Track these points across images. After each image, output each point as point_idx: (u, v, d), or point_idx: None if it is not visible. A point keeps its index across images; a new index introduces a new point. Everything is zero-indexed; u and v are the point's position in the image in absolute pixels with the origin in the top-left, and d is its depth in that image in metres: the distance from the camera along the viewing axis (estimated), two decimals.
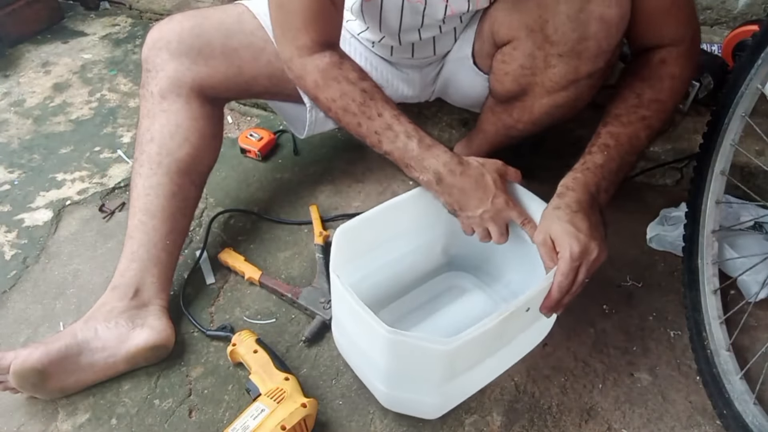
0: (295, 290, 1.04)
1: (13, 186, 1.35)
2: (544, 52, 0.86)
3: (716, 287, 0.97)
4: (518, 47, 0.89)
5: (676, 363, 0.95)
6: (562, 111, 0.94)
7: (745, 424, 0.81)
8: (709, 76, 1.20)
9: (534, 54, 0.88)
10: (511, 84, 0.94)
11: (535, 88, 0.92)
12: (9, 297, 1.09)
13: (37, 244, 1.20)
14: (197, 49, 1.00)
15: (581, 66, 0.85)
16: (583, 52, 0.83)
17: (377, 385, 0.84)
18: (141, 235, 0.98)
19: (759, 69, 0.84)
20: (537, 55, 0.87)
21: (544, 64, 0.87)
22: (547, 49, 0.85)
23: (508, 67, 0.93)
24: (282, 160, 1.39)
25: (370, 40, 1.08)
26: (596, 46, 0.83)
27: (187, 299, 1.06)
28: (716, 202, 0.97)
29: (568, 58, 0.85)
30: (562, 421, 0.88)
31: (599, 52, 0.84)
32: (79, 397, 0.92)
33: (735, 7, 1.47)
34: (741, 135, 0.92)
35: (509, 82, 0.94)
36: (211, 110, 1.04)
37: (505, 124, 1.02)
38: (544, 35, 0.85)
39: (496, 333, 0.76)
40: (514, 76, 0.92)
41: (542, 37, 0.85)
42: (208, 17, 1.03)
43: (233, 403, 0.91)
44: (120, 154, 1.43)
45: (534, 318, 0.83)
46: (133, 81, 1.69)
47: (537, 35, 0.86)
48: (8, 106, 1.61)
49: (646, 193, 1.24)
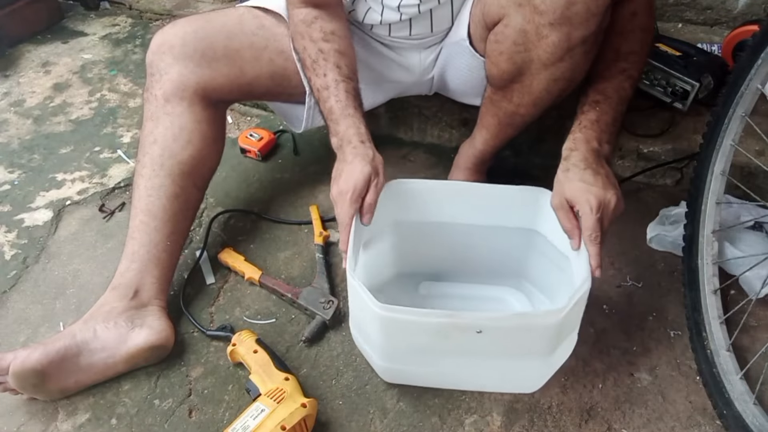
0: (295, 290, 1.04)
1: (13, 186, 1.35)
2: (534, 24, 0.85)
3: (716, 287, 0.97)
4: (509, 24, 0.89)
5: (676, 363, 0.95)
6: (560, 85, 0.93)
7: (745, 424, 0.81)
8: (709, 76, 1.20)
9: (525, 28, 0.87)
10: (507, 64, 0.93)
11: (531, 65, 0.91)
12: (9, 297, 1.09)
13: (37, 244, 1.20)
14: (200, 52, 1.01)
15: (573, 32, 0.84)
16: (573, 17, 0.82)
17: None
18: (142, 235, 0.98)
19: (759, 69, 0.84)
20: (528, 29, 0.87)
21: (536, 37, 0.87)
22: (537, 20, 0.85)
23: (501, 47, 0.92)
24: (282, 160, 1.39)
25: (369, 23, 1.08)
26: (585, 9, 0.82)
27: (187, 299, 1.06)
28: (716, 202, 0.97)
29: (559, 25, 0.84)
30: (562, 421, 0.88)
31: (589, 15, 0.82)
32: (79, 397, 0.92)
33: (735, 7, 1.47)
34: (741, 135, 0.92)
35: (504, 62, 0.93)
36: (214, 113, 1.05)
37: (506, 112, 1.02)
38: (532, 6, 0.84)
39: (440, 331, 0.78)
40: (509, 55, 0.92)
41: (531, 8, 0.85)
42: (210, 20, 1.04)
43: (233, 403, 0.91)
44: (120, 154, 1.43)
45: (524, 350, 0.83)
46: (133, 81, 1.69)
47: (525, 8, 0.85)
48: (8, 106, 1.61)
49: (646, 193, 1.24)
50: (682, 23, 1.54)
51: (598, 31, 0.86)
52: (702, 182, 0.98)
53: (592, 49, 0.90)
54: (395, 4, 1.02)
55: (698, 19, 1.52)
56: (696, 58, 1.24)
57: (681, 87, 1.21)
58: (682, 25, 1.53)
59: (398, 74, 1.17)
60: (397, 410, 0.89)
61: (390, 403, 0.90)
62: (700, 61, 1.23)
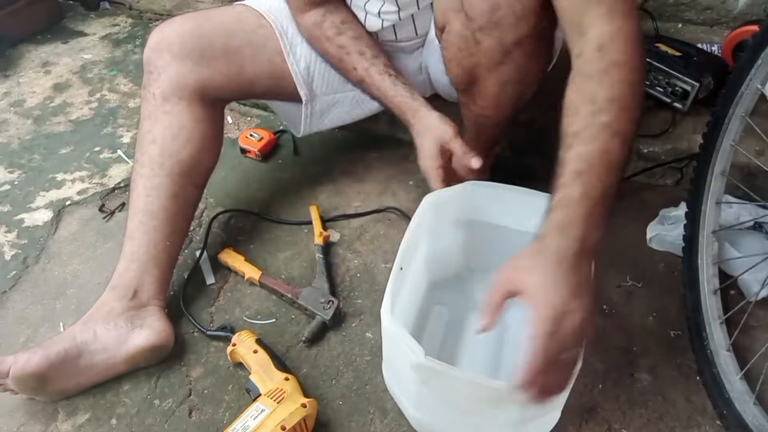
0: (295, 290, 1.04)
1: (13, 186, 1.35)
2: (470, 29, 0.85)
3: (716, 287, 0.97)
4: (451, 30, 0.89)
5: (676, 363, 0.95)
6: (513, 88, 0.92)
7: (745, 425, 0.81)
8: (709, 76, 1.20)
9: (464, 34, 0.87)
10: (457, 69, 0.93)
11: (479, 69, 0.91)
12: (9, 297, 1.09)
13: (37, 244, 1.20)
14: (199, 50, 1.00)
15: (504, 36, 0.84)
16: (499, 21, 0.82)
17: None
18: (141, 235, 0.98)
19: (759, 69, 0.84)
20: (467, 35, 0.87)
21: (473, 42, 0.86)
22: (471, 26, 0.85)
23: (449, 53, 0.93)
24: (282, 160, 1.39)
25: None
26: (510, 13, 0.81)
27: (187, 299, 1.06)
28: (716, 202, 0.97)
29: (489, 30, 0.83)
30: (562, 421, 0.87)
31: (516, 18, 0.82)
32: (79, 397, 0.92)
33: (735, 8, 1.47)
34: (741, 135, 0.92)
35: (455, 67, 0.94)
36: (212, 112, 1.05)
37: (475, 114, 1.01)
38: (464, 13, 0.84)
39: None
40: (457, 60, 0.92)
41: (463, 15, 0.85)
42: (209, 18, 1.03)
43: (233, 403, 0.91)
44: (120, 154, 1.43)
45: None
46: (133, 81, 1.69)
47: (460, 14, 0.85)
48: (8, 106, 1.61)
49: (646, 193, 1.24)
50: (682, 23, 1.54)
51: (533, 33, 0.84)
52: (702, 182, 0.98)
53: (536, 49, 0.87)
54: (375, 11, 1.02)
55: (698, 19, 1.52)
56: (696, 58, 1.24)
57: (681, 87, 1.21)
58: (682, 25, 1.53)
59: None
60: (397, 410, 0.89)
61: (390, 403, 0.90)
62: (700, 61, 1.23)
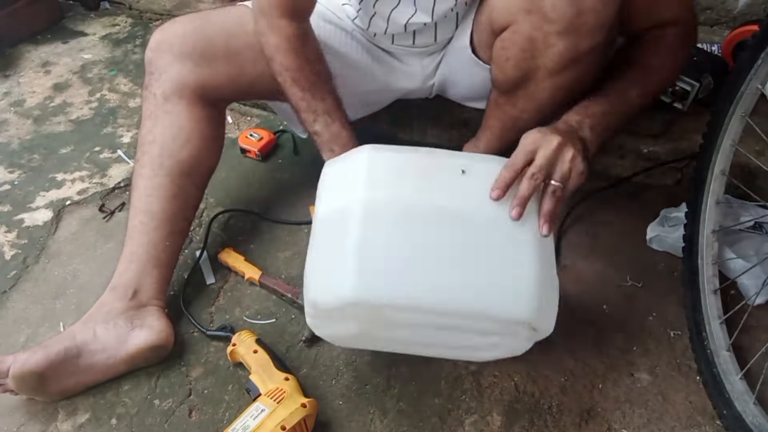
0: (295, 290, 1.04)
1: (13, 186, 1.35)
2: (542, 32, 0.85)
3: (716, 287, 0.97)
4: (517, 30, 0.89)
5: (676, 363, 0.95)
6: (564, 94, 0.93)
7: (745, 424, 0.81)
8: (709, 76, 1.20)
9: (533, 36, 0.87)
10: (513, 70, 0.93)
11: (537, 72, 0.91)
12: (9, 297, 1.09)
13: (37, 244, 1.20)
14: (200, 51, 1.00)
15: (581, 42, 0.84)
16: (581, 26, 0.83)
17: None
18: (141, 235, 0.98)
19: (759, 69, 0.84)
20: (536, 37, 0.87)
21: (543, 45, 0.87)
22: (546, 28, 0.85)
23: (508, 53, 0.93)
24: (282, 160, 1.39)
25: (373, 31, 1.08)
26: (594, 19, 0.82)
27: (187, 299, 1.06)
28: (716, 202, 0.97)
29: (567, 35, 0.84)
30: (562, 421, 0.88)
31: (597, 26, 0.83)
32: (79, 397, 0.92)
33: (735, 7, 1.47)
34: (741, 135, 0.92)
35: (510, 68, 0.93)
36: (213, 113, 1.05)
37: (510, 116, 1.02)
38: (541, 14, 0.84)
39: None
40: (516, 62, 0.92)
41: (540, 16, 0.84)
42: (210, 19, 1.04)
43: (233, 403, 0.91)
44: (120, 154, 1.43)
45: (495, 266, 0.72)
46: (133, 81, 1.69)
47: (534, 15, 0.85)
48: (8, 106, 1.61)
49: (646, 193, 1.24)
50: None
51: (606, 42, 0.86)
52: (702, 182, 0.98)
53: (599, 60, 0.89)
54: (402, 21, 1.02)
55: (698, 19, 1.52)
56: (696, 58, 1.23)
57: (681, 87, 1.21)
58: None
59: (401, 81, 1.16)
60: (397, 410, 0.89)
61: (390, 403, 0.90)
62: (700, 61, 1.23)
